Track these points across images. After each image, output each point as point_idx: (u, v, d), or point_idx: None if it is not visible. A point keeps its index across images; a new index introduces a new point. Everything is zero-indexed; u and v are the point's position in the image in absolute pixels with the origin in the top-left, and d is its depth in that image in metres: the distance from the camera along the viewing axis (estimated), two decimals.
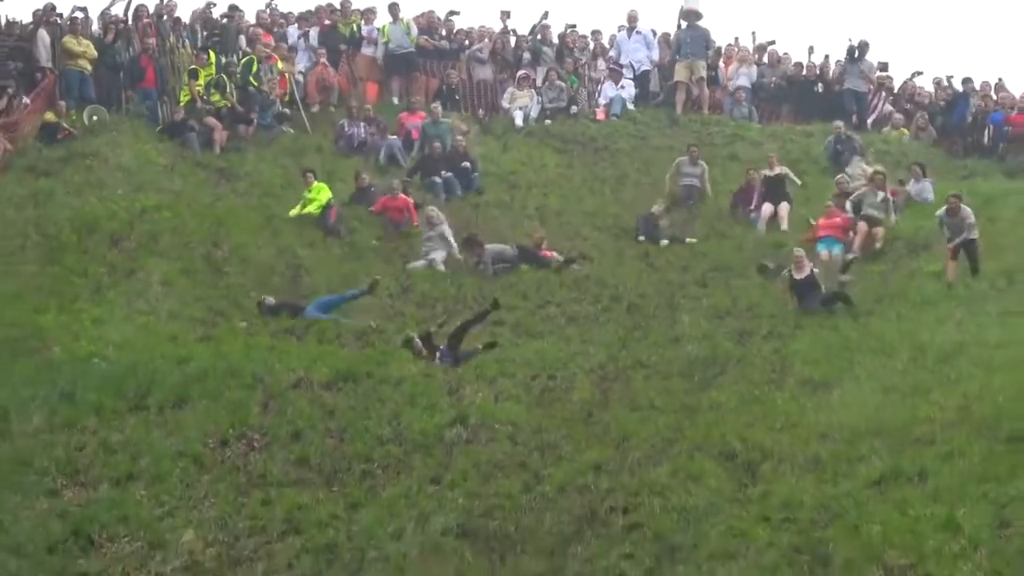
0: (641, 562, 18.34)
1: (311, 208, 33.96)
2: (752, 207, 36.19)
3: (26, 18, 37.46)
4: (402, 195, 34.71)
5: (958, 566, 17.00)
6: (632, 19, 43.86)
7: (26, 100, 34.83)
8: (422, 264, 32.09)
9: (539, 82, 42.29)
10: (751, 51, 44.64)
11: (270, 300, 28.93)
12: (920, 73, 43.84)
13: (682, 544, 18.64)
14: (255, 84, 38.15)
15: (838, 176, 35.88)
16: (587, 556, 18.71)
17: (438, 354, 26.06)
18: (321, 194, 34.03)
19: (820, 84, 43.23)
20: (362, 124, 38.55)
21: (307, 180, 34.41)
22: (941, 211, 30.34)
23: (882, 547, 17.58)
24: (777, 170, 36.17)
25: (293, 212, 34.16)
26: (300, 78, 40.27)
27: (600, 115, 42.54)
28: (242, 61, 38.82)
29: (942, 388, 23.18)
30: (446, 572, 18.69)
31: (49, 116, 35.15)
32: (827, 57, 44.33)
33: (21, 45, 36.53)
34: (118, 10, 38.93)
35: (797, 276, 28.80)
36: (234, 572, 18.95)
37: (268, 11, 42.86)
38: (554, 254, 30.50)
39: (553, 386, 25.51)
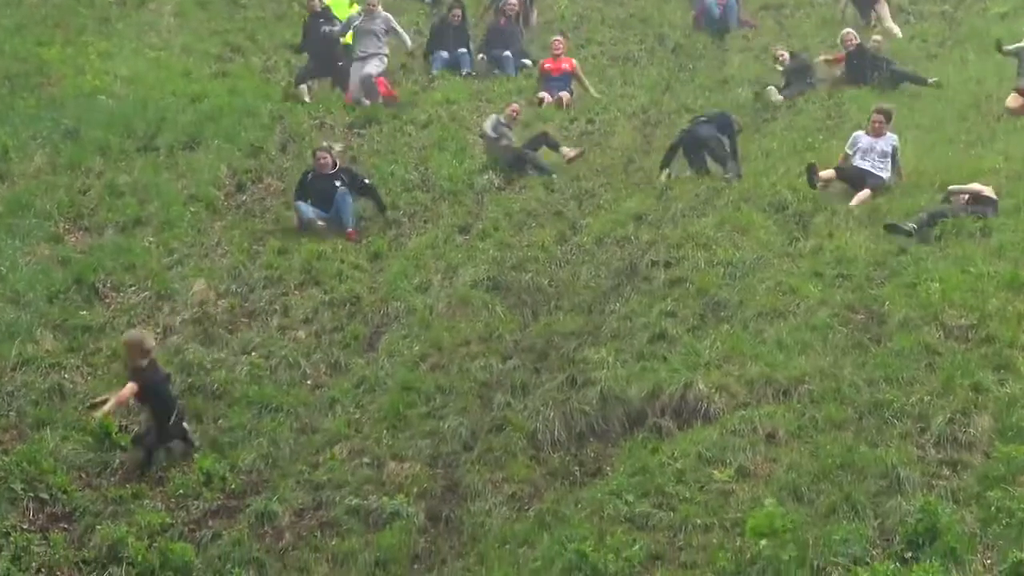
0: (684, 319, 17.66)
1: None
2: None
3: None
4: None
5: (1023, 327, 16.40)
6: None
7: None
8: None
9: None
10: None
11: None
12: None
13: (728, 300, 17.96)
14: None
15: None
16: (626, 312, 18.05)
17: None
18: None
19: None
20: None
21: None
22: None
23: (941, 306, 16.94)
24: None
25: None
26: None
27: None
28: None
29: (1008, 138, 22.56)
30: (475, 327, 18.14)
31: None
32: None
33: None
34: None
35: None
36: (248, 325, 18.50)
37: None
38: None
39: (592, 131, 24.88)
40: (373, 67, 24.99)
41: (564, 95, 25.91)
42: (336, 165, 20.97)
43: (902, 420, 15.02)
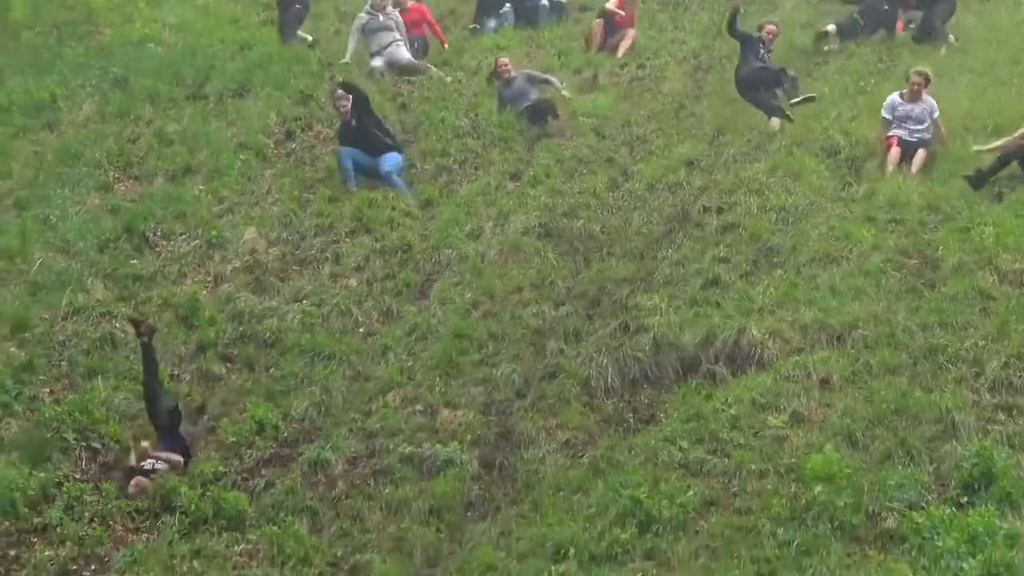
0: (737, 265, 17.65)
1: None
2: None
3: None
4: None
5: None
6: None
7: None
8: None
9: None
10: None
11: None
12: None
13: (780, 246, 17.94)
14: None
15: None
16: (678, 259, 18.05)
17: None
18: None
19: None
20: None
21: None
22: None
23: (995, 250, 16.93)
24: None
25: None
26: None
27: None
28: None
29: None
30: (526, 274, 18.13)
31: None
32: None
33: None
34: None
35: None
36: (299, 272, 18.55)
37: None
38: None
39: (643, 76, 24.51)
40: (403, 53, 24.40)
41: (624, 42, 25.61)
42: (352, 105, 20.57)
43: (957, 365, 15.07)
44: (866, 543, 12.85)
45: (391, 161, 20.30)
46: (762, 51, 21.43)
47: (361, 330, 17.42)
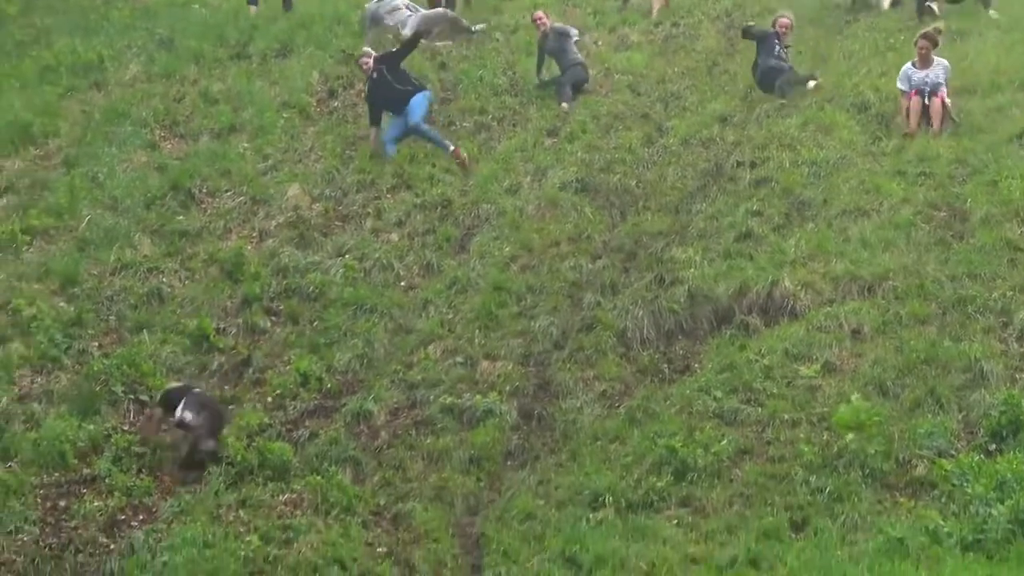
0: (769, 219, 17.77)
1: None
2: None
3: None
4: None
5: None
6: None
7: None
8: None
9: None
10: None
11: None
12: None
13: (812, 200, 18.04)
14: None
15: None
16: (712, 212, 18.16)
17: None
18: None
19: None
20: None
21: None
22: None
23: (1022, 202, 17.02)
24: None
25: None
26: None
27: None
28: None
29: None
30: (564, 228, 18.27)
31: None
32: None
33: None
34: None
35: None
36: (341, 228, 18.68)
37: None
38: None
39: (677, 34, 24.69)
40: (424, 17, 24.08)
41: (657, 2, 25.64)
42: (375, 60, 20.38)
43: (985, 315, 15.14)
44: (896, 490, 12.97)
45: (417, 109, 19.98)
46: (777, 47, 21.31)
47: (402, 284, 17.47)
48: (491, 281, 17.06)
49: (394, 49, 20.80)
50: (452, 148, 19.90)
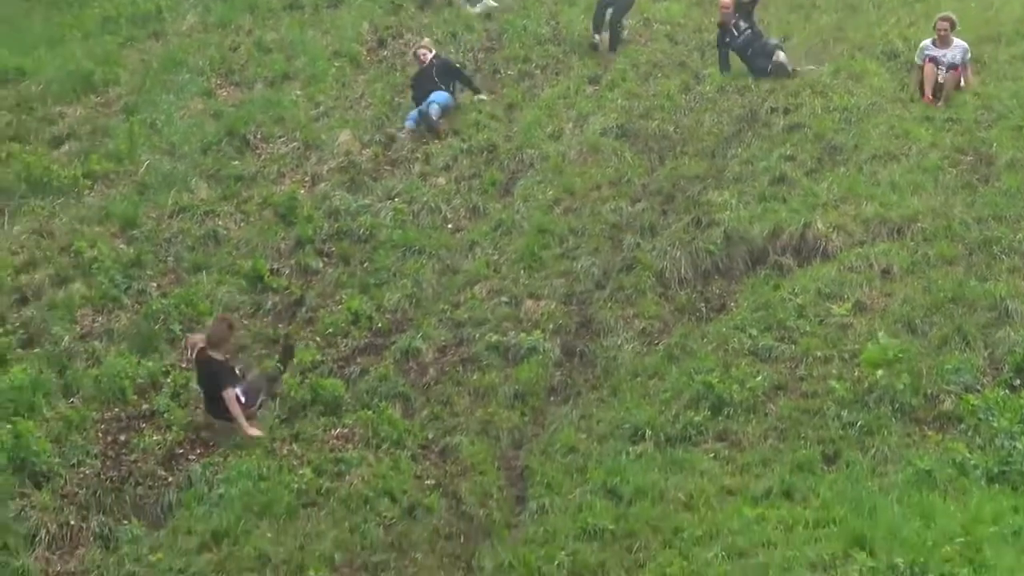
0: (802, 163, 18.00)
1: None
2: None
3: None
4: None
5: None
6: None
7: None
8: None
9: None
10: None
11: None
12: None
13: (843, 145, 18.28)
14: None
15: None
16: (747, 157, 18.38)
17: None
18: None
19: None
20: None
21: None
22: None
23: None
24: None
25: None
26: None
27: None
28: None
29: None
30: (605, 172, 18.49)
31: None
32: None
33: None
34: None
35: None
36: (391, 172, 18.93)
37: None
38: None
39: None
40: None
41: None
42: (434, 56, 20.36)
43: (1010, 256, 15.42)
44: (925, 424, 13.30)
45: (437, 100, 19.73)
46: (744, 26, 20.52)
47: (449, 226, 17.71)
48: (535, 223, 17.30)
49: (459, 67, 20.62)
50: (437, 127, 19.64)
